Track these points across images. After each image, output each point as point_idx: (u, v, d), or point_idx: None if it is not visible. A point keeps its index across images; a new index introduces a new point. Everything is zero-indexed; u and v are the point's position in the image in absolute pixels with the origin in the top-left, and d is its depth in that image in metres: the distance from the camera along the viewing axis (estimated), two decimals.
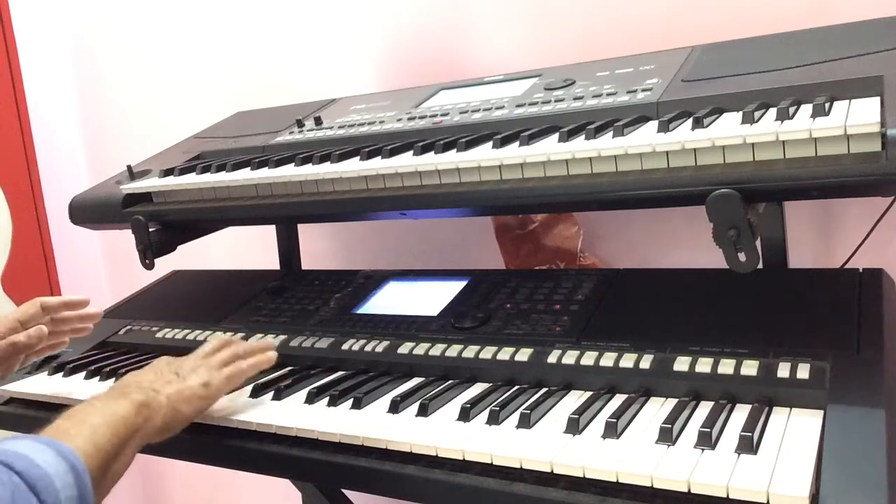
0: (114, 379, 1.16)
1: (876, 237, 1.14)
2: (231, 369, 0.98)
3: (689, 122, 0.84)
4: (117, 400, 0.85)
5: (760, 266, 0.80)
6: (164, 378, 0.93)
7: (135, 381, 0.92)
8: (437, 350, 1.02)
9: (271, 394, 1.02)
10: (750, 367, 0.83)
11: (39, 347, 1.16)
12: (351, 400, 0.95)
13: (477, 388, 0.95)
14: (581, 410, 0.82)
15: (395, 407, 0.91)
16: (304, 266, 1.58)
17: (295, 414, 0.95)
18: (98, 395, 0.87)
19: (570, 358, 0.93)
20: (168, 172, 1.25)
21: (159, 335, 1.29)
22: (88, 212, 1.35)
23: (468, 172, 0.95)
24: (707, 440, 0.73)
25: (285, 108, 1.52)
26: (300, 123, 1.33)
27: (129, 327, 1.36)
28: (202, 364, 0.98)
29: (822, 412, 0.74)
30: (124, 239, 1.31)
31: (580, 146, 0.87)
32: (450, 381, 0.97)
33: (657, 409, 0.83)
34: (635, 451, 0.74)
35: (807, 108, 0.81)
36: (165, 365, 0.97)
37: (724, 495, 0.66)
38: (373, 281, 1.29)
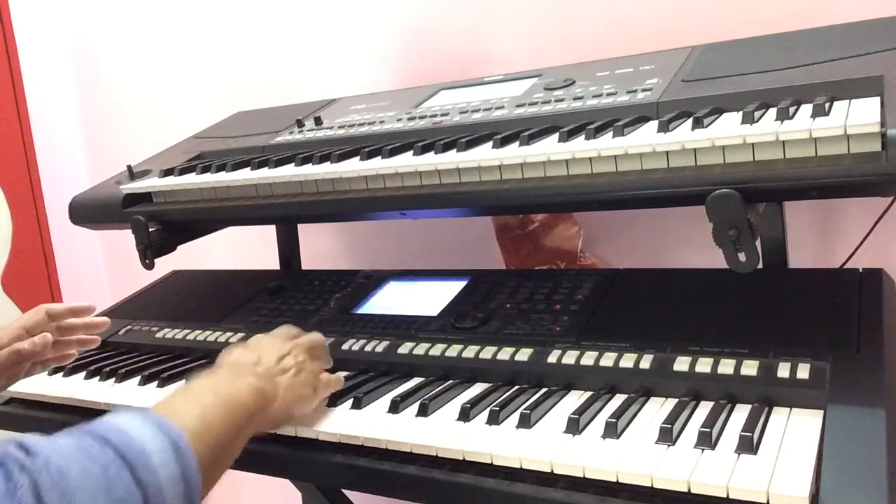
0: (114, 379, 1.16)
1: (876, 237, 1.14)
2: (330, 381, 0.94)
3: (689, 122, 0.84)
4: (232, 381, 0.80)
5: (760, 266, 0.80)
6: (284, 366, 0.88)
7: (251, 364, 0.86)
8: (437, 350, 1.02)
9: None
10: (750, 367, 0.83)
11: (46, 357, 1.12)
12: (351, 400, 0.95)
13: (477, 388, 0.95)
14: (581, 410, 0.82)
15: (395, 407, 0.91)
16: (304, 266, 1.58)
17: None
18: (211, 373, 0.83)
19: (570, 358, 0.93)
20: (168, 172, 1.25)
21: (159, 335, 1.29)
22: (88, 212, 1.35)
23: (468, 172, 0.95)
24: (707, 440, 0.73)
25: (285, 108, 1.52)
26: (300, 123, 1.33)
27: (129, 327, 1.36)
28: (314, 362, 0.93)
29: (822, 412, 0.74)
30: (124, 239, 1.31)
31: (580, 146, 0.87)
32: (450, 381, 0.97)
33: (657, 409, 0.83)
34: (635, 451, 0.74)
35: (807, 108, 0.81)
36: (275, 349, 0.90)
37: (724, 495, 0.66)
38: (373, 281, 1.29)
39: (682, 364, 0.86)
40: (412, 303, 1.18)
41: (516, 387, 0.93)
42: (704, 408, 0.81)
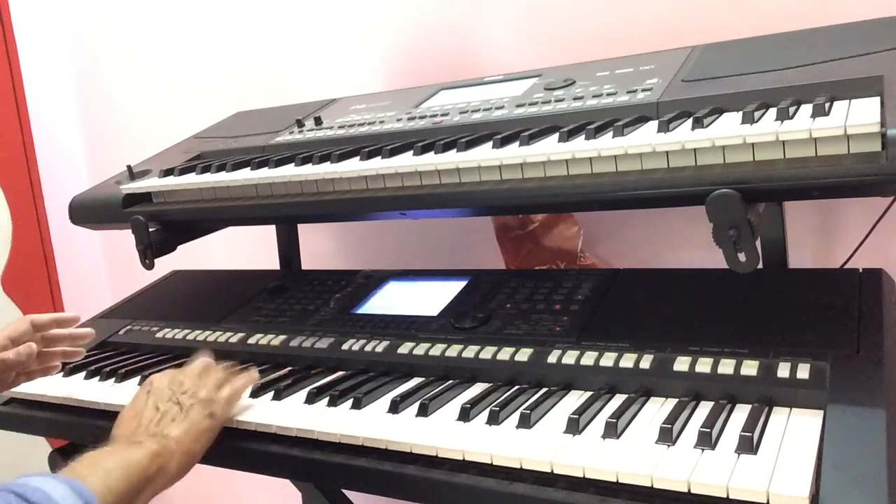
0: (114, 379, 1.16)
1: (876, 237, 1.14)
2: (229, 390, 0.96)
3: (689, 122, 0.84)
4: (129, 447, 0.84)
5: (760, 266, 0.80)
6: (167, 415, 0.90)
7: (140, 426, 0.89)
8: (437, 350, 1.02)
9: (271, 394, 1.02)
10: (750, 367, 0.83)
11: (30, 369, 1.13)
12: (351, 400, 0.95)
13: (477, 388, 0.95)
14: (581, 410, 0.82)
15: (395, 407, 0.91)
16: (304, 266, 1.58)
17: (295, 414, 0.95)
18: (110, 446, 0.86)
19: (570, 358, 0.93)
20: (168, 172, 1.25)
21: (159, 335, 1.29)
22: (88, 212, 1.35)
23: (468, 172, 0.95)
24: (707, 440, 0.73)
25: (285, 108, 1.52)
26: (300, 123, 1.33)
27: (129, 327, 1.36)
28: (201, 387, 0.94)
29: (822, 412, 0.74)
30: (124, 239, 1.31)
31: (580, 146, 0.87)
32: (450, 381, 0.97)
33: (657, 409, 0.83)
34: (635, 451, 0.74)
35: (807, 108, 0.81)
36: (163, 393, 0.93)
37: (724, 495, 0.66)
38: (373, 281, 1.29)
39: (682, 364, 0.86)
40: (412, 303, 1.18)
41: (516, 387, 0.93)
42: (704, 408, 0.81)
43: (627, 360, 0.90)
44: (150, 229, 1.24)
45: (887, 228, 1.13)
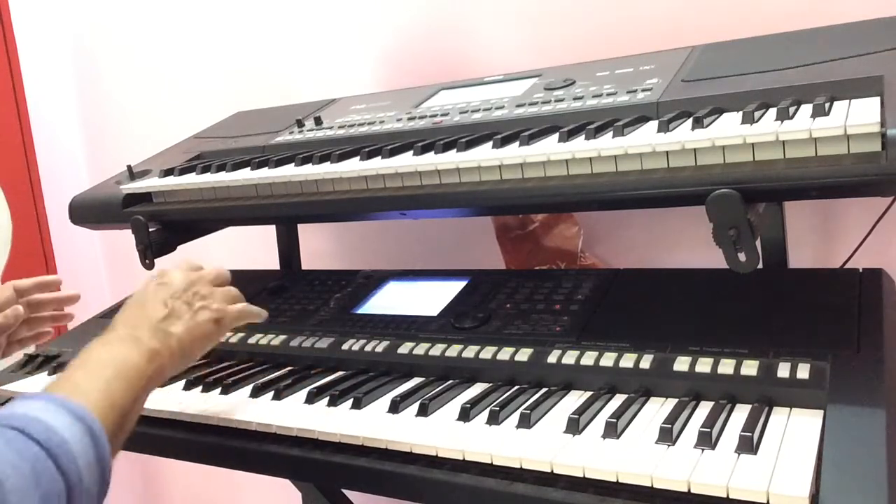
0: None
1: (876, 237, 1.14)
2: (241, 307, 0.95)
3: (689, 122, 0.84)
4: (129, 347, 0.81)
5: (760, 266, 0.80)
6: (174, 311, 0.88)
7: (144, 318, 0.86)
8: (437, 350, 1.02)
9: (271, 394, 1.02)
10: (750, 367, 0.83)
11: (21, 336, 1.12)
12: (351, 400, 0.95)
13: (477, 388, 0.95)
14: (581, 410, 0.82)
15: (395, 407, 0.91)
16: (304, 266, 1.58)
17: (295, 414, 0.95)
18: (109, 336, 0.83)
19: (570, 358, 0.93)
20: (168, 172, 1.25)
21: None
22: (88, 212, 1.35)
23: (468, 172, 0.95)
24: (707, 440, 0.73)
25: (285, 108, 1.52)
26: (300, 123, 1.33)
27: None
28: (214, 294, 0.92)
29: (822, 412, 0.74)
30: (124, 239, 1.31)
31: (580, 146, 0.87)
32: (450, 381, 0.97)
33: (657, 409, 0.83)
34: (635, 451, 0.74)
35: (807, 108, 0.81)
36: (176, 289, 0.90)
37: (724, 495, 0.66)
38: (373, 281, 1.29)
39: (682, 364, 0.86)
40: (412, 303, 1.18)
41: (516, 387, 0.93)
42: (704, 408, 0.81)
43: (627, 360, 0.90)
44: (150, 229, 1.24)
45: (887, 228, 1.13)
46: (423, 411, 0.89)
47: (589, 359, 0.92)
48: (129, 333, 0.84)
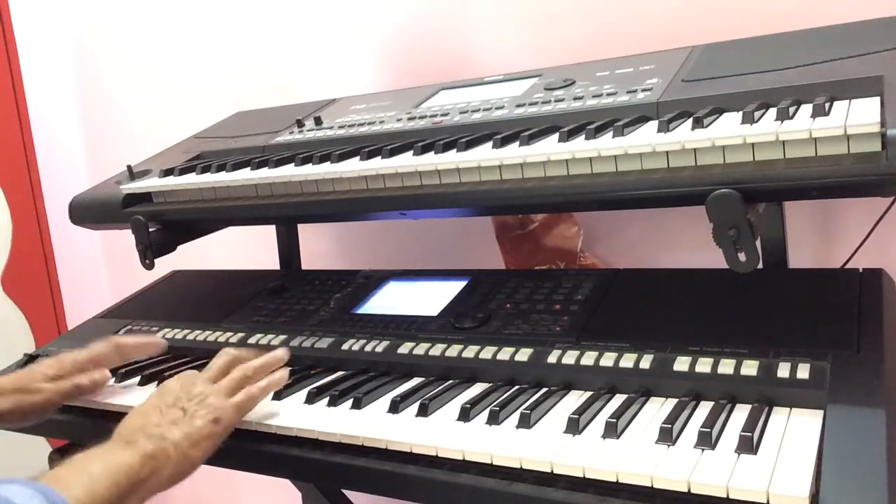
0: (114, 379, 1.16)
1: (876, 237, 1.14)
2: (242, 397, 0.92)
3: (689, 122, 0.84)
4: (122, 448, 0.81)
5: (760, 266, 0.80)
6: (169, 417, 0.87)
7: (140, 426, 0.86)
8: (437, 350, 1.02)
9: (271, 394, 1.01)
10: (750, 367, 0.83)
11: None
12: (351, 400, 0.95)
13: (477, 388, 0.95)
14: (581, 410, 0.82)
15: (395, 407, 0.91)
16: (304, 266, 1.58)
17: (295, 414, 0.95)
18: (103, 445, 0.82)
19: (570, 358, 0.93)
20: (168, 172, 1.25)
21: (159, 335, 1.29)
22: (88, 212, 1.34)
23: (468, 172, 0.95)
24: (707, 440, 0.73)
25: (285, 108, 1.52)
26: (300, 123, 1.33)
27: (128, 327, 1.36)
28: (211, 393, 0.91)
29: (822, 412, 0.74)
30: (124, 239, 1.31)
31: (580, 146, 0.87)
32: (450, 381, 0.97)
33: (657, 409, 0.83)
34: (635, 451, 0.74)
35: (807, 108, 0.81)
36: (171, 397, 0.90)
37: (724, 495, 0.66)
38: (373, 281, 1.29)
39: (682, 364, 0.86)
40: (412, 303, 1.18)
41: (516, 387, 0.93)
42: (704, 408, 0.81)
43: (627, 360, 0.90)
44: (150, 229, 1.24)
45: (887, 228, 1.13)
46: (423, 411, 0.89)
47: (589, 359, 0.92)
48: (124, 439, 0.83)
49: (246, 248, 1.79)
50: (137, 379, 1.14)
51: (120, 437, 0.85)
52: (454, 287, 1.18)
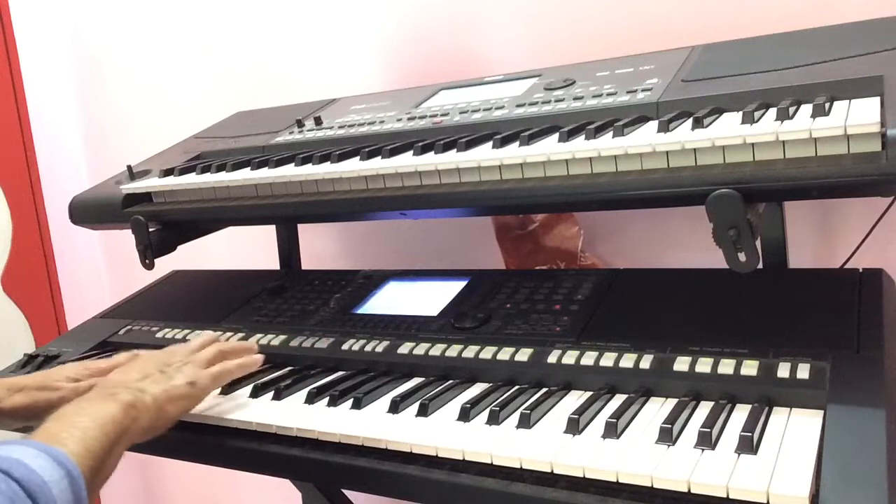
0: None
1: (876, 237, 1.14)
2: (218, 368, 0.99)
3: (689, 122, 0.84)
4: (104, 401, 0.85)
5: (760, 266, 0.80)
6: (150, 377, 0.93)
7: (121, 381, 0.91)
8: (437, 350, 1.02)
9: (271, 394, 1.02)
10: (750, 367, 0.83)
11: None
12: (351, 400, 0.95)
13: (477, 388, 0.95)
14: (581, 410, 0.82)
15: (395, 407, 0.91)
16: (304, 266, 1.58)
17: (295, 414, 0.95)
18: (85, 396, 0.87)
19: (570, 358, 0.93)
20: (168, 172, 1.25)
21: (159, 335, 1.29)
22: (88, 212, 1.35)
23: (468, 172, 0.95)
24: (707, 440, 0.73)
25: (285, 108, 1.52)
26: (300, 123, 1.33)
27: (128, 327, 1.36)
28: (189, 361, 0.98)
29: (822, 412, 0.74)
30: (124, 239, 1.31)
31: (580, 146, 0.87)
32: (450, 381, 0.97)
33: (657, 409, 0.83)
34: (635, 451, 0.74)
35: (807, 108, 0.81)
36: (152, 362, 0.97)
37: (724, 495, 0.66)
38: (373, 281, 1.29)
39: (682, 364, 0.86)
40: (412, 303, 1.18)
41: (516, 387, 0.93)
42: (704, 408, 0.81)
43: (627, 360, 0.90)
44: (150, 229, 1.24)
45: (887, 228, 1.13)
46: (423, 411, 0.89)
47: (589, 359, 0.92)
48: (105, 392, 0.88)
49: (246, 248, 1.79)
50: None
51: (101, 390, 0.89)
52: (454, 287, 1.18)
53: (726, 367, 0.84)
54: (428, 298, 1.17)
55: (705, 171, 0.80)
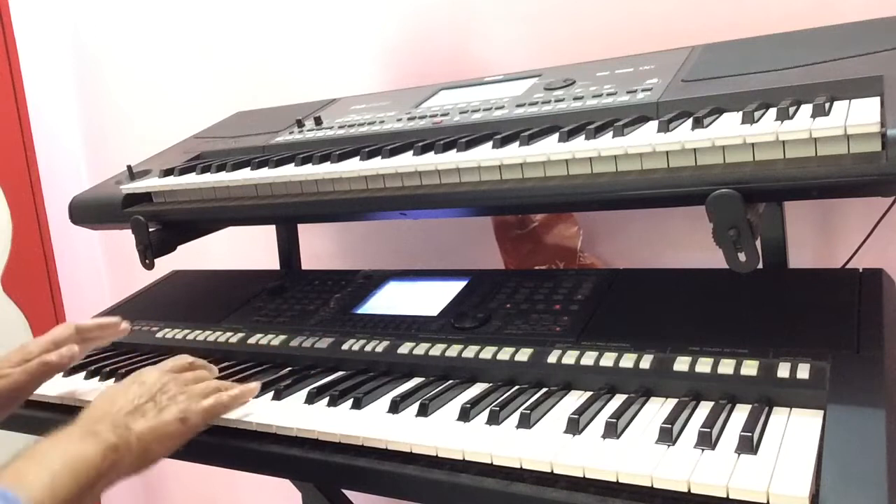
0: (113, 379, 1.16)
1: (876, 237, 1.14)
2: (213, 401, 0.93)
3: (689, 122, 0.84)
4: (84, 440, 0.79)
5: (760, 266, 0.80)
6: (139, 408, 0.88)
7: (108, 413, 0.86)
8: (437, 350, 1.02)
9: (271, 394, 1.02)
10: (750, 367, 0.83)
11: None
12: (351, 400, 0.95)
13: (477, 388, 0.95)
14: (581, 410, 0.82)
15: (395, 407, 0.91)
16: (304, 266, 1.58)
17: (295, 414, 0.95)
18: (66, 431, 0.81)
19: (570, 358, 0.93)
20: (168, 172, 1.25)
21: (159, 335, 1.29)
22: (88, 212, 1.35)
23: (468, 172, 0.95)
24: (707, 440, 0.73)
25: (285, 108, 1.52)
26: (300, 123, 1.33)
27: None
28: (183, 392, 0.92)
29: (822, 412, 0.74)
30: (124, 239, 1.31)
31: (580, 146, 0.87)
32: (450, 381, 0.97)
33: (657, 409, 0.83)
34: (635, 451, 0.74)
35: (807, 108, 0.81)
36: (145, 388, 0.91)
37: (724, 495, 0.66)
38: (373, 281, 1.29)
39: (682, 364, 0.86)
40: (412, 303, 1.18)
41: (516, 387, 0.93)
42: (704, 408, 0.81)
43: (627, 360, 0.90)
44: (150, 229, 1.24)
45: (888, 229, 1.13)
46: (423, 411, 0.89)
47: (589, 359, 0.92)
48: (88, 429, 0.82)
49: (246, 248, 1.79)
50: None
51: (84, 424, 0.84)
52: (454, 287, 1.18)
53: (726, 367, 0.84)
54: (428, 298, 1.17)
55: (705, 171, 0.80)
